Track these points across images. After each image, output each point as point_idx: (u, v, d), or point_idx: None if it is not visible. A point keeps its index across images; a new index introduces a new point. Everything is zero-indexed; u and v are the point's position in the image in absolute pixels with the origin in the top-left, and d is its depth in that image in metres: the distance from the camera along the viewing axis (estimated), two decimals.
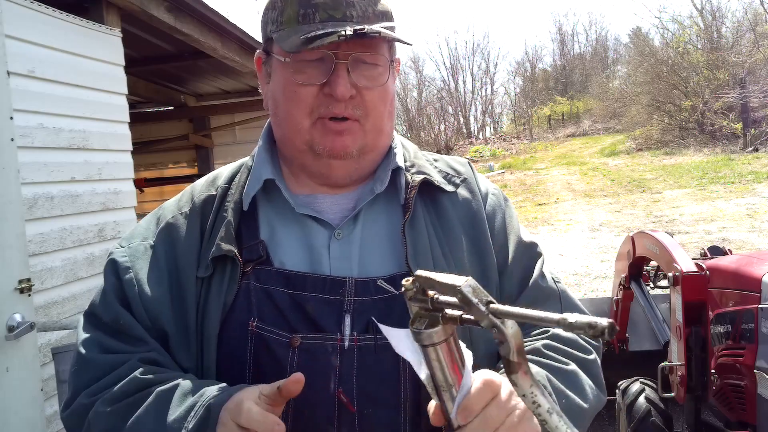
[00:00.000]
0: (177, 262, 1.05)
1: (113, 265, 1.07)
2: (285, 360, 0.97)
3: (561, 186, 18.75)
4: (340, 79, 0.99)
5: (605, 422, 4.00)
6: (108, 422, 0.94)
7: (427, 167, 1.14)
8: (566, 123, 42.31)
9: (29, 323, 2.21)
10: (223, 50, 4.84)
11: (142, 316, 1.02)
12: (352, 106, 1.02)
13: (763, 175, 15.18)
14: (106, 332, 1.03)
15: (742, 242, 8.94)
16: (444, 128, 42.45)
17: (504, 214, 1.16)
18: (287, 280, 1.01)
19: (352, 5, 0.98)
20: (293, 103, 1.03)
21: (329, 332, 0.98)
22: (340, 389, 0.96)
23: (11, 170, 2.21)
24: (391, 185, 1.09)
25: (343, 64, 0.99)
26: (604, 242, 10.14)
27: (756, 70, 23.85)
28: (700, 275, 2.81)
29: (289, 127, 1.05)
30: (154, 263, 1.06)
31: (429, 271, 0.74)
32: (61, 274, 3.09)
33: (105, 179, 3.46)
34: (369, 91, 1.02)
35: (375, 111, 1.04)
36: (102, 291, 1.07)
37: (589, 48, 50.91)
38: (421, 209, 1.08)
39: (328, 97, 1.01)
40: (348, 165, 1.06)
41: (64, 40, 3.16)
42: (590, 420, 1.02)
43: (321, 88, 1.01)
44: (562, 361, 1.00)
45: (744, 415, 2.61)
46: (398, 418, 0.98)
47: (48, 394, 2.69)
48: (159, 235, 1.09)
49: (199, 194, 1.12)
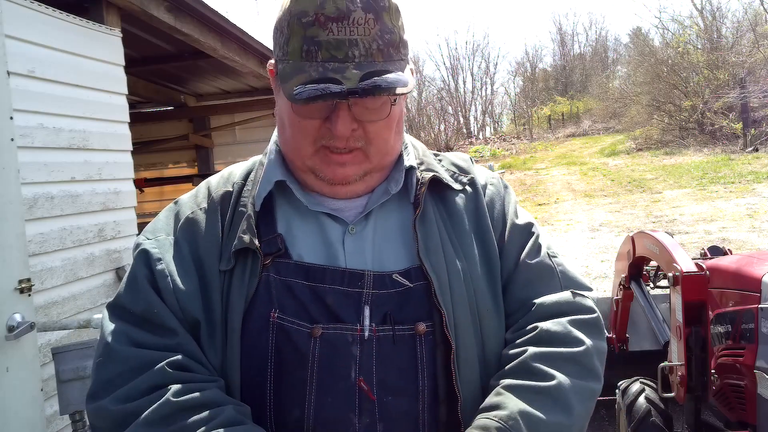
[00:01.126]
0: (200, 255, 1.06)
1: (145, 255, 1.07)
2: (306, 350, 0.99)
3: (561, 186, 18.75)
4: (340, 119, 0.99)
5: (605, 422, 4.00)
6: None
7: (436, 165, 1.16)
8: (566, 123, 42.31)
9: (29, 323, 2.21)
10: (223, 50, 4.84)
11: (174, 308, 1.02)
12: (353, 139, 1.02)
13: (763, 175, 15.18)
14: (134, 324, 1.02)
15: (742, 242, 8.94)
16: (444, 128, 42.47)
17: (502, 200, 1.18)
18: (306, 272, 1.03)
19: (355, 44, 0.94)
20: (296, 131, 1.04)
21: (349, 323, 1.01)
22: (361, 378, 0.99)
23: (11, 170, 2.21)
24: (402, 184, 1.12)
25: (344, 102, 0.98)
26: (604, 242, 10.13)
27: (756, 70, 23.83)
28: (700, 275, 2.81)
29: (293, 150, 1.07)
30: (180, 257, 1.06)
31: None
32: (61, 274, 3.09)
33: (105, 179, 3.46)
34: (372, 123, 1.02)
35: (378, 139, 1.04)
36: (131, 281, 1.06)
37: (589, 48, 50.91)
38: (431, 205, 1.10)
39: (329, 131, 1.01)
40: (353, 187, 1.08)
41: (64, 40, 3.16)
42: (583, 424, 1.01)
43: (323, 121, 1.01)
44: (546, 377, 0.99)
45: (744, 415, 2.61)
46: (417, 406, 1.01)
47: (48, 394, 2.69)
48: (180, 230, 1.09)
49: (216, 190, 1.14)
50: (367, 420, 0.99)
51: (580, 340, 1.04)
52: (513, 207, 1.18)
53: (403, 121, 1.12)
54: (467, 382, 1.01)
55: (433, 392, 1.01)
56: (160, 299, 1.03)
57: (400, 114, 1.09)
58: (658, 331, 3.75)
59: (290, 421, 0.99)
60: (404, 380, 1.00)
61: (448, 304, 1.02)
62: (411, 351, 1.01)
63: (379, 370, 1.00)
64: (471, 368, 1.03)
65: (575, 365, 1.01)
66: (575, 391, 0.99)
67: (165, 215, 1.15)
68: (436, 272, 1.03)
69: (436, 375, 1.01)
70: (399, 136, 1.10)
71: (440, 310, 1.01)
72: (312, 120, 1.01)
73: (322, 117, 1.00)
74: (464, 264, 1.07)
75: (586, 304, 1.10)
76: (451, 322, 1.01)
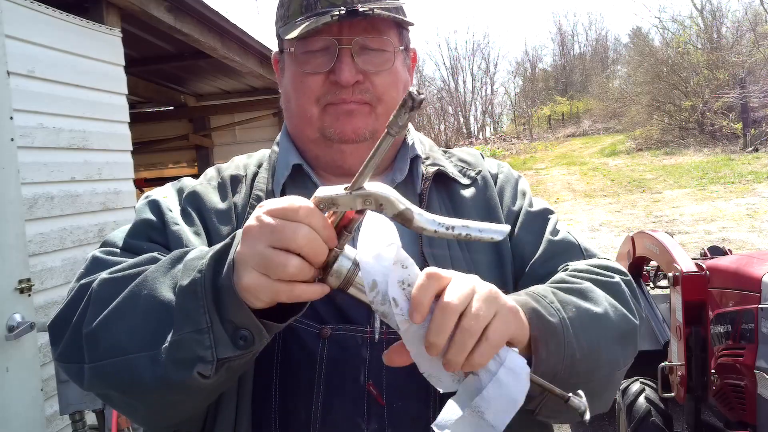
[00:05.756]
0: (208, 225, 1.02)
1: (156, 204, 1.02)
2: (315, 351, 0.96)
3: (561, 186, 18.75)
4: (344, 65, 1.00)
5: (605, 422, 4.00)
6: (112, 287, 0.84)
7: (442, 160, 1.15)
8: (566, 123, 42.31)
9: (29, 323, 2.21)
10: (223, 50, 4.84)
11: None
12: (359, 91, 1.02)
13: (763, 175, 15.18)
14: (122, 253, 0.96)
15: (742, 242, 8.94)
16: (444, 128, 42.44)
17: (513, 188, 1.16)
18: None
19: None
20: (301, 93, 1.04)
21: (359, 324, 0.98)
22: (370, 381, 0.96)
23: (11, 170, 2.21)
24: (408, 175, 1.11)
25: (347, 49, 1.00)
26: (604, 242, 10.13)
27: (756, 70, 23.83)
28: (700, 275, 2.81)
29: (300, 118, 1.07)
30: (190, 219, 1.02)
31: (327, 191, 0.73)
32: (61, 274, 3.08)
33: (105, 179, 3.46)
34: (377, 75, 1.03)
35: (387, 95, 1.04)
36: (128, 227, 1.01)
37: (589, 48, 50.96)
38: (437, 199, 1.10)
39: (335, 84, 1.02)
40: (360, 150, 1.06)
41: (64, 40, 3.16)
42: (628, 336, 0.95)
43: (327, 76, 1.02)
44: (574, 282, 0.96)
45: (744, 415, 2.61)
46: (427, 412, 0.97)
47: (48, 394, 2.69)
48: (186, 200, 1.05)
49: (227, 171, 1.12)
50: (375, 425, 0.95)
51: (611, 274, 1.01)
52: (526, 193, 1.16)
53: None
54: None
55: (445, 398, 0.99)
56: (159, 246, 0.97)
57: (406, 81, 1.09)
58: (658, 331, 3.75)
59: (295, 423, 0.96)
60: (415, 384, 0.95)
61: None
62: None
63: (389, 373, 0.96)
64: None
65: (605, 290, 0.97)
66: (606, 297, 0.95)
67: (167, 187, 1.10)
68: (440, 267, 1.02)
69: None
70: None
71: None
72: (315, 76, 1.02)
73: (325, 69, 1.01)
74: (468, 256, 1.04)
75: (619, 267, 1.06)
76: None
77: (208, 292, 0.76)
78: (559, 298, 0.90)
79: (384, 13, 0.99)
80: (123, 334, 0.80)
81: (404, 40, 1.09)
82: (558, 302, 0.89)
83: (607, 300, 0.95)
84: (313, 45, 1.02)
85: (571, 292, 0.93)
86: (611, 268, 1.04)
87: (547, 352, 0.83)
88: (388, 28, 1.04)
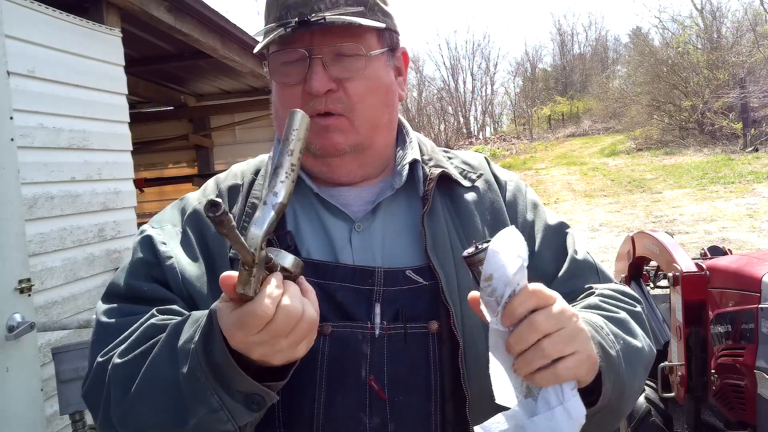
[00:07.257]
0: (209, 245, 1.05)
1: (149, 240, 1.05)
2: (316, 348, 0.96)
3: (561, 186, 18.75)
4: (314, 74, 0.99)
5: None
6: (126, 371, 0.90)
7: (444, 162, 1.15)
8: (566, 123, 42.31)
9: (29, 323, 2.21)
10: (223, 50, 4.84)
11: (178, 289, 1.01)
12: (332, 101, 1.01)
13: (763, 175, 15.18)
14: (127, 301, 1.01)
15: (742, 242, 8.94)
16: (444, 128, 42.45)
17: (526, 199, 1.17)
18: (316, 269, 1.02)
19: (322, 0, 0.98)
20: (282, 106, 1.05)
21: (359, 321, 0.99)
22: (372, 376, 0.98)
23: (11, 170, 2.21)
24: (409, 178, 1.10)
25: (318, 59, 1.00)
26: (604, 242, 10.13)
27: (756, 70, 23.84)
28: (700, 275, 2.81)
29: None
30: (187, 243, 1.05)
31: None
32: (61, 274, 3.09)
33: (105, 179, 3.46)
34: (350, 82, 1.02)
35: (362, 103, 1.03)
36: (127, 267, 1.05)
37: (589, 48, 50.92)
38: (440, 201, 1.09)
39: (309, 95, 1.01)
40: (346, 163, 1.06)
41: (64, 40, 3.16)
42: (648, 367, 1.02)
43: (303, 87, 1.02)
44: (612, 310, 1.01)
45: (744, 415, 2.61)
46: (429, 406, 0.99)
47: (48, 394, 2.69)
48: (187, 221, 1.08)
49: (224, 183, 1.13)
50: (378, 419, 0.97)
51: (634, 303, 1.07)
52: (540, 207, 1.18)
53: (396, 99, 1.10)
54: (476, 381, 1.00)
55: (444, 391, 1.00)
56: (164, 286, 1.01)
57: (388, 84, 1.07)
58: (658, 331, 3.75)
59: (299, 419, 0.98)
60: (416, 378, 0.99)
61: (455, 301, 1.00)
62: (423, 349, 0.99)
63: (390, 368, 0.98)
64: (480, 366, 1.01)
65: (636, 321, 1.03)
66: (640, 331, 1.02)
67: (171, 208, 1.14)
68: (444, 269, 1.02)
69: (448, 373, 1.00)
70: (389, 109, 1.08)
71: (447, 307, 1.00)
72: (292, 88, 1.02)
73: (299, 80, 1.01)
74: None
75: (635, 294, 1.12)
76: (458, 320, 0.99)
77: (208, 375, 0.80)
78: (610, 329, 0.94)
79: (337, 19, 0.97)
80: (148, 416, 0.87)
81: (387, 42, 1.07)
82: (612, 334, 0.93)
83: (641, 332, 1.01)
84: (286, 57, 1.02)
85: (613, 321, 0.98)
86: (632, 296, 1.09)
87: (610, 385, 0.88)
88: (364, 33, 1.02)
